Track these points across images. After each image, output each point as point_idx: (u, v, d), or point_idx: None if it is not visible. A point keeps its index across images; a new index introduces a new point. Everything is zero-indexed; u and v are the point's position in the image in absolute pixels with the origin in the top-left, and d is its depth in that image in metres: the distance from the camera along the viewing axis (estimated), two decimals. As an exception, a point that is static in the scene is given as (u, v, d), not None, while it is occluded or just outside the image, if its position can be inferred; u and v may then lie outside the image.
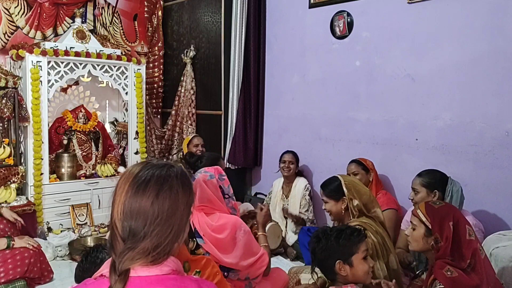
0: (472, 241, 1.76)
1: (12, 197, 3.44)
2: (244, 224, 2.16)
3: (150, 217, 0.97)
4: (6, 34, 3.91)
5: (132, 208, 0.98)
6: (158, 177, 1.01)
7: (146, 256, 0.95)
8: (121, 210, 1.00)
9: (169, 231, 0.98)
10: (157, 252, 0.96)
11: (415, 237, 1.86)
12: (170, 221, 0.98)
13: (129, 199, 1.00)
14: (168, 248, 0.98)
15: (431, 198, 2.46)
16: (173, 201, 0.99)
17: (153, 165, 1.04)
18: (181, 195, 1.01)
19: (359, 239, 1.76)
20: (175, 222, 0.99)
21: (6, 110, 3.39)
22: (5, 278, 2.58)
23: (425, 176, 2.53)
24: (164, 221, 0.97)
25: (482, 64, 2.71)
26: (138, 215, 0.97)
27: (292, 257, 3.40)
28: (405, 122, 3.13)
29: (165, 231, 0.97)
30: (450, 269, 1.69)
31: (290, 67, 3.96)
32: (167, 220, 0.98)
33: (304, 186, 3.59)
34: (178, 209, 1.00)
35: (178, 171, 1.05)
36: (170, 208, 0.99)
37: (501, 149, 2.65)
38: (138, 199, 0.98)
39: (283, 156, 3.69)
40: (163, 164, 1.06)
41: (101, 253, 1.64)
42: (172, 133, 4.74)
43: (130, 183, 1.01)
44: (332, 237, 1.76)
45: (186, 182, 1.05)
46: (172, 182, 1.01)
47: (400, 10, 3.12)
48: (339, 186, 2.25)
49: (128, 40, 4.72)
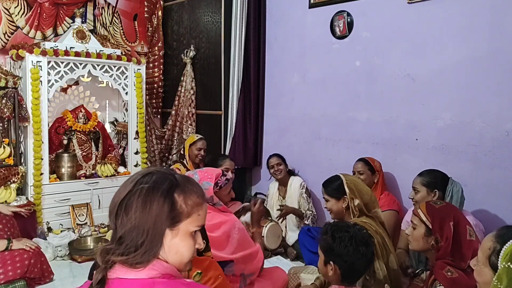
0: (473, 242, 1.76)
1: (12, 197, 3.44)
2: (239, 222, 2.16)
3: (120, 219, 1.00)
4: (6, 34, 3.91)
5: (109, 210, 1.04)
6: (131, 182, 1.02)
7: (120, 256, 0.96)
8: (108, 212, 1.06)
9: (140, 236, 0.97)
10: (131, 256, 0.96)
11: (415, 237, 1.87)
12: (141, 226, 0.97)
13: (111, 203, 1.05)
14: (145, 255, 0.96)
15: (431, 198, 2.47)
16: (141, 206, 0.98)
17: (137, 173, 1.06)
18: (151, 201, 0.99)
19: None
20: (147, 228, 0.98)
21: (6, 110, 3.39)
22: (5, 279, 2.58)
23: (426, 176, 2.54)
24: (133, 225, 0.97)
25: (482, 64, 2.71)
26: (111, 216, 1.02)
27: (292, 257, 3.40)
28: (405, 122, 3.13)
29: (136, 236, 0.97)
30: (450, 270, 1.69)
31: (290, 67, 3.96)
32: (137, 226, 0.97)
33: (300, 184, 3.59)
34: (148, 216, 0.98)
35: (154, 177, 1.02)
36: (138, 214, 0.98)
37: (501, 149, 2.65)
38: (112, 202, 1.03)
39: (268, 162, 3.70)
40: (146, 172, 1.05)
41: None
42: (172, 133, 4.74)
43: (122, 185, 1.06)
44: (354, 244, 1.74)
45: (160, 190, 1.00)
46: (142, 187, 1.00)
47: (400, 10, 3.12)
48: (341, 185, 2.25)
49: (128, 40, 4.72)
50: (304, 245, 3.17)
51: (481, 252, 1.37)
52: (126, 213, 0.98)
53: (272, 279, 2.31)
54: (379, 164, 3.11)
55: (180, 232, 1.01)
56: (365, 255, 1.71)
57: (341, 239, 1.71)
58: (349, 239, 1.70)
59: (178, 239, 1.01)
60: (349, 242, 1.69)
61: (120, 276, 0.96)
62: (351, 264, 1.70)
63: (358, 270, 1.74)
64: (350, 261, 1.69)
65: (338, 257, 1.71)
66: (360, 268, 1.74)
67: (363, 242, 1.72)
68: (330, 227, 1.78)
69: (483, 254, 1.35)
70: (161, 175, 1.04)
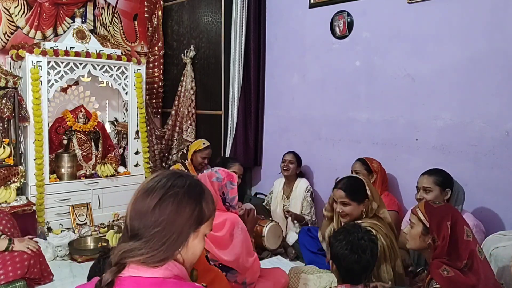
0: (470, 242, 1.77)
1: (12, 197, 3.44)
2: (241, 221, 2.16)
3: (150, 219, 1.01)
4: (6, 34, 3.91)
5: (136, 210, 1.04)
6: (165, 184, 1.05)
7: (140, 256, 0.98)
8: (129, 212, 1.06)
9: (166, 237, 1.00)
10: (152, 255, 0.98)
11: (412, 235, 1.88)
12: (170, 228, 1.01)
13: (135, 201, 1.06)
14: (164, 255, 1.00)
15: (443, 197, 2.45)
16: (175, 209, 1.02)
17: (164, 174, 1.10)
18: (185, 205, 1.04)
19: None
20: (174, 230, 1.02)
21: (6, 110, 3.39)
22: (5, 279, 2.57)
23: (437, 175, 2.51)
24: (163, 226, 1.01)
25: (482, 64, 2.71)
26: (140, 215, 1.03)
27: (292, 257, 3.40)
28: (405, 122, 3.13)
29: (163, 237, 1.00)
30: (446, 269, 1.69)
31: (290, 67, 3.96)
32: (166, 226, 1.01)
33: (306, 187, 3.58)
34: (179, 218, 1.03)
35: (188, 182, 1.08)
36: (171, 215, 1.02)
37: (501, 149, 2.65)
38: (143, 201, 1.04)
39: (284, 156, 3.69)
40: (175, 173, 1.10)
41: None
42: (172, 133, 4.74)
43: (140, 187, 1.08)
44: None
45: (193, 194, 1.07)
46: (178, 191, 1.04)
47: (400, 10, 3.12)
48: (364, 187, 2.22)
49: (128, 40, 4.72)
50: (304, 245, 3.16)
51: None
52: (161, 213, 1.01)
53: (273, 280, 2.31)
54: (377, 165, 3.10)
55: (199, 234, 1.08)
56: (358, 263, 1.75)
57: (339, 241, 1.78)
58: (346, 243, 1.77)
59: (197, 241, 1.07)
60: (345, 247, 1.76)
61: (133, 274, 0.99)
62: (345, 267, 1.77)
63: (354, 274, 1.78)
64: (344, 264, 1.76)
65: (335, 258, 1.79)
66: (356, 273, 1.78)
67: (360, 249, 1.76)
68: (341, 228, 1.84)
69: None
70: (191, 179, 1.10)
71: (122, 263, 0.99)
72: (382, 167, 3.12)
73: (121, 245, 1.01)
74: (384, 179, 3.10)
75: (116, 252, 1.00)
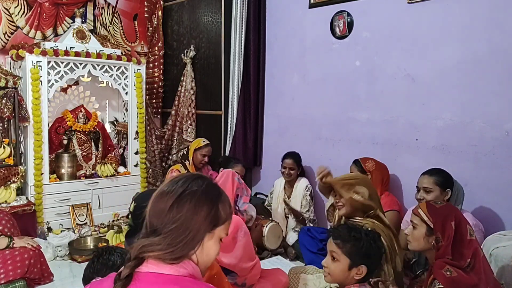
0: (473, 241, 1.77)
1: (12, 197, 3.44)
2: (244, 225, 2.17)
3: (168, 216, 1.05)
4: (6, 34, 3.91)
5: (155, 207, 1.09)
6: (183, 184, 1.10)
7: (159, 251, 1.02)
8: (148, 209, 1.10)
9: (183, 235, 1.04)
10: (169, 251, 1.02)
11: (416, 236, 1.87)
12: (186, 225, 1.05)
13: (154, 200, 1.10)
14: (181, 252, 1.04)
15: (443, 197, 2.45)
16: (192, 207, 1.07)
17: (184, 175, 1.15)
18: (202, 205, 1.08)
19: None
20: (191, 228, 1.06)
21: (6, 110, 3.39)
22: (5, 279, 2.58)
23: (438, 175, 2.51)
24: (180, 223, 1.05)
25: (482, 64, 2.71)
26: (159, 213, 1.07)
27: (292, 257, 3.40)
28: (405, 122, 3.13)
29: (180, 234, 1.04)
30: (449, 269, 1.69)
31: (290, 67, 3.96)
32: (183, 224, 1.05)
33: (305, 186, 3.58)
34: (196, 217, 1.06)
35: (206, 183, 1.12)
36: (189, 214, 1.06)
37: (501, 149, 2.65)
38: (161, 199, 1.08)
39: (283, 161, 3.64)
40: (194, 175, 1.15)
41: (112, 255, 1.65)
42: (172, 133, 4.74)
43: (160, 187, 1.12)
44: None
45: (211, 195, 1.11)
46: (196, 189, 1.09)
47: (400, 10, 3.12)
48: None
49: (128, 40, 4.72)
50: (304, 245, 3.16)
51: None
52: (178, 211, 1.05)
53: (273, 280, 2.31)
54: (370, 164, 3.05)
55: (214, 236, 1.11)
56: (383, 252, 1.84)
57: (373, 241, 1.78)
58: (377, 240, 1.80)
59: (212, 242, 1.10)
60: (375, 244, 1.79)
61: (151, 270, 1.02)
62: (377, 264, 1.80)
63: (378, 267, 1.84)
64: (378, 260, 1.80)
65: (370, 260, 1.76)
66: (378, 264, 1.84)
67: (379, 239, 1.83)
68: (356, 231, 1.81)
69: None
70: (210, 182, 1.14)
71: (140, 257, 1.03)
72: (380, 166, 3.08)
73: (141, 240, 1.05)
74: (383, 178, 3.06)
75: (135, 247, 1.04)
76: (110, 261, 1.62)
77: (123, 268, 1.02)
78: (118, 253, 1.65)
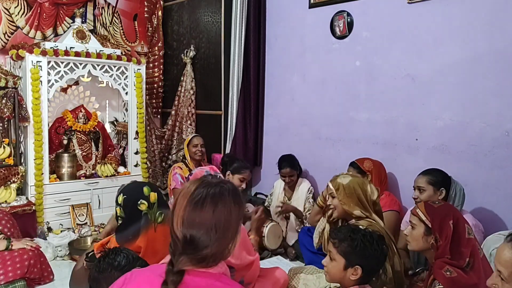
0: (471, 240, 1.78)
1: (12, 197, 3.44)
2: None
3: (209, 229, 1.13)
4: (6, 34, 3.92)
5: (192, 221, 1.14)
6: (213, 194, 1.17)
7: (203, 262, 1.13)
8: (180, 222, 1.15)
9: (226, 240, 1.16)
10: (213, 259, 1.14)
11: (414, 236, 1.87)
12: (226, 232, 1.16)
13: (188, 213, 1.15)
14: (222, 255, 1.17)
15: (437, 197, 2.46)
16: (228, 215, 1.17)
17: (208, 183, 1.21)
18: (233, 209, 1.18)
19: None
20: (230, 232, 1.17)
21: (6, 110, 3.39)
22: (5, 280, 2.57)
23: (431, 174, 2.53)
24: (222, 232, 1.15)
25: (482, 64, 2.71)
26: (199, 227, 1.14)
27: (292, 257, 3.40)
28: (405, 122, 3.13)
29: (223, 241, 1.15)
30: (449, 269, 1.69)
31: (290, 67, 3.96)
32: (224, 231, 1.15)
33: (308, 189, 3.56)
34: (232, 221, 1.18)
35: (230, 188, 1.22)
36: (226, 221, 1.16)
37: (501, 149, 2.65)
38: (198, 214, 1.14)
39: (280, 171, 3.56)
40: (217, 182, 1.23)
41: (118, 255, 1.66)
42: (172, 133, 4.74)
43: (188, 199, 1.17)
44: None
45: (237, 198, 1.22)
46: (226, 199, 1.18)
47: (400, 10, 3.12)
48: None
49: (128, 40, 4.72)
50: (304, 245, 3.16)
51: (503, 268, 1.28)
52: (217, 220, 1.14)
53: (273, 280, 2.31)
54: (368, 164, 3.04)
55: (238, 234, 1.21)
56: (386, 254, 1.79)
57: (370, 243, 1.74)
58: (376, 242, 1.75)
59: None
60: (376, 245, 1.74)
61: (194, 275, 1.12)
62: (375, 266, 1.76)
63: (377, 270, 1.80)
64: (375, 262, 1.75)
65: (365, 261, 1.73)
66: (379, 268, 1.80)
67: (383, 242, 1.79)
68: (352, 231, 1.80)
69: (506, 269, 1.27)
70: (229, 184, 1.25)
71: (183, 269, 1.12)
72: (378, 165, 3.08)
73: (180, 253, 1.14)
74: (382, 178, 3.06)
75: (178, 260, 1.13)
76: (116, 261, 1.63)
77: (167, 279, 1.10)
78: (124, 254, 1.67)
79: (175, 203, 1.21)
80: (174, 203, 1.21)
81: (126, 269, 1.57)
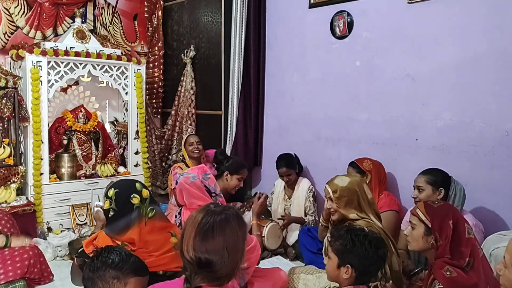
0: (471, 239, 1.78)
1: (12, 197, 3.44)
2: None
3: (222, 252, 1.34)
4: (6, 34, 3.92)
5: (205, 248, 1.34)
6: (220, 222, 1.38)
7: (219, 280, 1.35)
8: (192, 250, 1.35)
9: (236, 261, 1.37)
10: (228, 278, 1.37)
11: (414, 237, 1.87)
12: (236, 252, 1.38)
13: (198, 241, 1.35)
14: (234, 272, 1.38)
15: (436, 196, 2.46)
16: (236, 238, 1.39)
17: (213, 212, 1.41)
18: (239, 232, 1.41)
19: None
20: (239, 251, 1.40)
21: (6, 110, 3.39)
22: (5, 279, 2.57)
23: (430, 174, 2.54)
24: (233, 253, 1.36)
25: (482, 64, 2.71)
26: (214, 252, 1.35)
27: (292, 257, 3.40)
28: (405, 122, 3.13)
29: (234, 260, 1.36)
30: (449, 269, 1.69)
31: (290, 67, 3.96)
32: (235, 252, 1.37)
33: (308, 187, 3.56)
34: (239, 243, 1.40)
35: (233, 214, 1.43)
36: (235, 243, 1.38)
37: (501, 149, 2.65)
38: (210, 241, 1.35)
39: (278, 170, 3.57)
40: (221, 210, 1.42)
41: (112, 253, 1.65)
42: (172, 133, 4.74)
43: (196, 229, 1.37)
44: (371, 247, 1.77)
45: (241, 221, 1.45)
46: (231, 224, 1.39)
47: (400, 10, 3.12)
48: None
49: (128, 40, 4.72)
50: (304, 245, 3.16)
51: (509, 255, 1.38)
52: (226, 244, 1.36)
53: (272, 280, 2.30)
54: (368, 164, 3.05)
55: None
56: (381, 258, 1.77)
57: (361, 242, 1.74)
58: (369, 242, 1.74)
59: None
60: (369, 246, 1.74)
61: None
62: (368, 266, 1.74)
63: (372, 271, 1.78)
64: (367, 263, 1.73)
65: (356, 260, 1.72)
66: (375, 270, 1.78)
67: (379, 245, 1.78)
68: (346, 231, 1.80)
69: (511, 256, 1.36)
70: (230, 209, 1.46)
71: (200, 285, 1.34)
72: (377, 165, 3.08)
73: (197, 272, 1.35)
74: (382, 177, 3.06)
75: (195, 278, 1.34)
76: (110, 259, 1.63)
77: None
78: (117, 251, 1.66)
79: (183, 232, 1.39)
80: (182, 232, 1.39)
81: (120, 266, 1.58)
